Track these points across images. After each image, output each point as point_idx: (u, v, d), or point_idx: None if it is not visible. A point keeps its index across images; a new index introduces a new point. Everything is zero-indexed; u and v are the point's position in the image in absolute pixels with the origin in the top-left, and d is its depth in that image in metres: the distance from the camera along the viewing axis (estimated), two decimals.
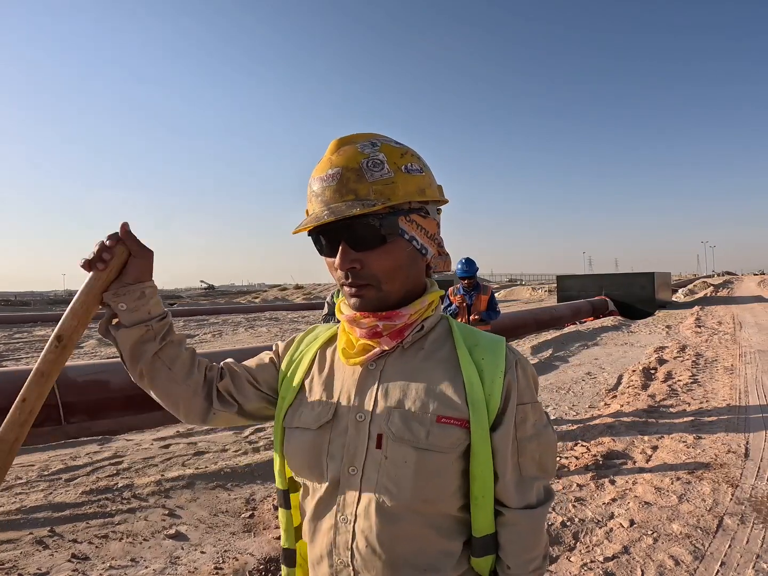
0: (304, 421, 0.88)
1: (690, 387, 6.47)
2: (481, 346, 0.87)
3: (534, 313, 14.26)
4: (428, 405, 0.82)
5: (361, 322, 0.85)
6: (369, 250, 0.81)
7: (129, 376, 0.94)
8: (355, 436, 0.84)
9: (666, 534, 2.90)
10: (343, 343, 0.89)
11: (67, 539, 2.91)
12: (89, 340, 14.44)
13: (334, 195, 0.80)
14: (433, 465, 0.80)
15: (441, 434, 0.80)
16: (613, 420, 5.09)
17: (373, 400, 0.85)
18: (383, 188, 0.80)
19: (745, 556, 2.67)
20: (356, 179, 0.79)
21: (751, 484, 3.51)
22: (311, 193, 0.84)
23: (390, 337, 0.85)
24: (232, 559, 2.72)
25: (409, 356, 0.87)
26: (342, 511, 0.82)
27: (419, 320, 0.87)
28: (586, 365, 8.42)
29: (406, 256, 0.84)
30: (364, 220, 0.79)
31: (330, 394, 0.89)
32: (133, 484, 3.61)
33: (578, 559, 2.69)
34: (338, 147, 0.83)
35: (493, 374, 0.84)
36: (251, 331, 16.44)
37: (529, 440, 0.85)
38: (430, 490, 0.80)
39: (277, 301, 41.71)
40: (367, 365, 0.87)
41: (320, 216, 0.79)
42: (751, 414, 5.15)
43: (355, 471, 0.82)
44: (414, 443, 0.80)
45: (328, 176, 0.81)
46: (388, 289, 0.83)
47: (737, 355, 8.63)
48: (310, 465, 0.86)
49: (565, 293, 20.44)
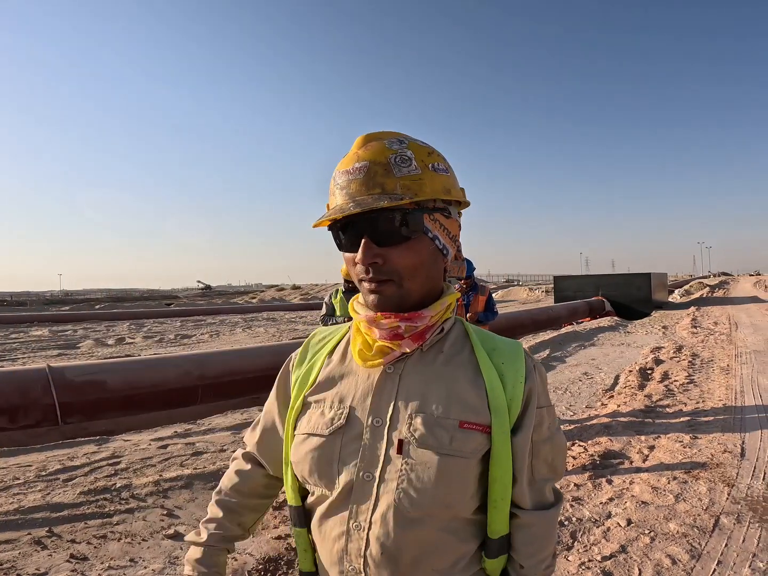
0: (315, 427, 0.85)
1: (686, 387, 6.50)
2: (500, 350, 0.87)
3: (531, 313, 14.29)
4: (450, 410, 0.81)
5: (381, 323, 0.82)
6: (393, 245, 0.79)
7: (126, 376, 0.95)
8: (371, 441, 0.82)
9: (663, 533, 2.92)
10: (359, 344, 0.86)
11: (66, 539, 2.91)
12: (86, 340, 14.41)
13: (360, 188, 0.79)
14: (454, 470, 0.79)
15: (464, 439, 0.79)
16: (610, 420, 5.11)
17: (392, 405, 0.83)
18: (411, 184, 0.79)
19: (742, 555, 2.68)
20: (384, 173, 0.79)
21: (747, 483, 3.53)
22: (335, 186, 0.82)
23: (412, 340, 0.83)
24: (231, 559, 2.72)
25: (428, 359, 0.85)
26: (355, 518, 0.80)
27: (439, 322, 0.86)
28: (583, 365, 8.44)
29: (428, 255, 0.83)
30: (389, 215, 0.78)
31: (342, 398, 0.86)
32: (132, 484, 3.61)
33: (576, 559, 2.70)
34: (365, 142, 0.82)
35: (515, 379, 0.84)
36: (249, 332, 16.43)
37: (543, 443, 0.86)
38: (450, 495, 0.79)
39: (275, 302, 41.68)
40: (385, 368, 0.85)
41: (345, 208, 0.78)
42: (747, 414, 5.18)
43: (371, 477, 0.80)
44: (437, 449, 0.79)
45: (354, 169, 0.79)
46: (408, 286, 0.81)
47: (733, 356, 8.67)
48: (320, 471, 0.83)
49: (562, 294, 20.47)
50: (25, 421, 4.91)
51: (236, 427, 5.08)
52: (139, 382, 5.57)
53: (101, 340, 14.58)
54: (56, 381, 5.08)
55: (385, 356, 0.83)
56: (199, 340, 14.56)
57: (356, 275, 0.83)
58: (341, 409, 0.85)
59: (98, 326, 19.68)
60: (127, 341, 14.46)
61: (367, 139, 0.82)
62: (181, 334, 16.00)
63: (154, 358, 6.86)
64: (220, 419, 5.42)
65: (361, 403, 0.84)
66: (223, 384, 6.18)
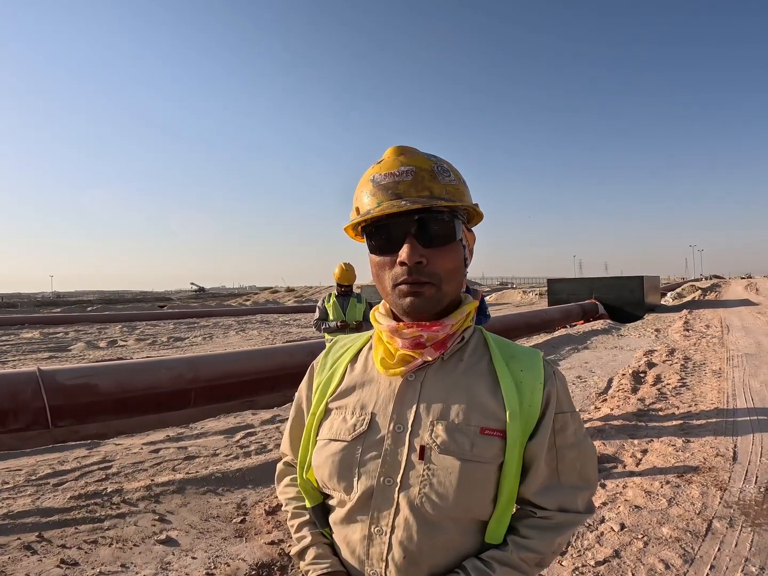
0: (337, 432, 0.87)
1: (679, 390, 6.53)
2: (518, 358, 0.89)
3: (525, 316, 14.35)
4: (471, 417, 0.83)
5: (404, 333, 0.84)
6: (437, 246, 0.82)
7: (118, 379, 0.95)
8: (393, 447, 0.83)
9: (656, 538, 2.92)
10: (380, 352, 0.88)
11: (56, 544, 2.87)
12: (77, 342, 14.31)
13: (409, 189, 0.81)
14: (476, 475, 0.81)
15: (484, 445, 0.82)
16: (604, 423, 5.12)
17: (413, 412, 0.84)
18: (453, 191, 0.84)
19: (734, 560, 2.69)
20: (431, 178, 0.83)
21: (740, 487, 3.55)
22: (376, 187, 0.83)
23: (434, 348, 0.85)
24: (224, 564, 2.70)
25: (449, 368, 0.88)
26: (376, 523, 0.82)
27: (459, 331, 0.88)
28: (576, 369, 8.47)
29: (461, 261, 0.87)
30: (438, 216, 0.82)
31: (364, 405, 0.88)
32: (123, 488, 3.57)
33: (570, 564, 2.70)
34: (402, 152, 0.85)
35: (533, 386, 0.86)
36: (242, 334, 16.37)
37: (569, 448, 0.87)
38: (471, 500, 0.81)
39: (269, 304, 41.56)
40: (406, 376, 0.87)
41: (399, 205, 0.79)
42: (739, 417, 5.21)
43: (392, 482, 0.82)
44: (459, 455, 0.81)
45: (401, 172, 0.82)
46: (446, 290, 0.84)
47: (725, 359, 8.72)
48: (340, 475, 0.85)
49: (556, 296, 20.57)
50: (15, 425, 4.87)
51: (229, 431, 5.04)
52: (131, 385, 5.53)
53: (93, 342, 14.48)
54: (47, 384, 5.03)
55: (407, 365, 0.85)
56: (192, 342, 14.48)
57: (392, 279, 0.83)
58: (363, 415, 0.87)
59: (90, 328, 19.55)
60: (120, 344, 14.36)
61: (402, 149, 0.86)
62: (174, 336, 15.91)
63: (147, 361, 6.82)
64: (213, 423, 5.38)
65: (382, 410, 0.86)
66: (217, 387, 6.15)
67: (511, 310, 23.57)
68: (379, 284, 0.86)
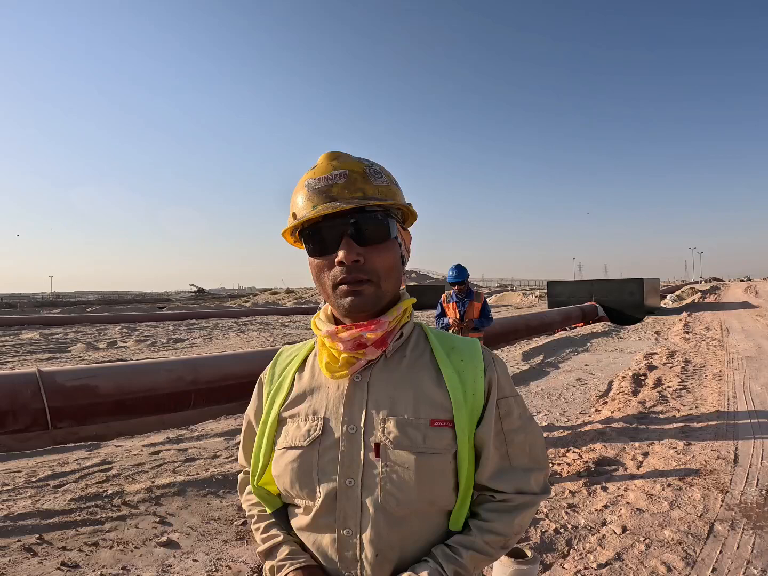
0: (293, 440, 0.88)
1: (679, 393, 6.53)
2: (458, 349, 0.92)
3: (525, 318, 14.36)
4: (420, 410, 0.85)
5: (343, 336, 0.85)
6: (373, 245, 0.84)
7: (118, 380, 0.95)
8: (348, 448, 0.85)
9: (658, 540, 2.92)
10: (325, 357, 0.89)
11: (57, 547, 2.87)
12: (77, 343, 14.29)
13: (342, 191, 0.84)
14: (433, 467, 0.83)
15: (436, 437, 0.84)
16: (604, 426, 5.12)
17: (364, 412, 0.86)
18: (386, 191, 0.88)
19: (736, 562, 2.69)
20: (363, 180, 0.85)
21: (741, 490, 3.54)
22: (310, 191, 0.85)
23: (375, 347, 0.87)
24: (225, 567, 2.69)
25: (393, 365, 0.90)
26: (344, 525, 0.83)
27: (398, 327, 0.90)
28: (576, 371, 8.47)
29: (398, 258, 0.89)
30: (372, 215, 0.84)
31: (315, 410, 0.89)
32: (123, 490, 3.57)
33: (572, 566, 2.69)
34: (335, 157, 0.87)
35: (475, 374, 0.88)
36: (242, 336, 16.35)
37: (516, 432, 0.90)
38: (433, 491, 0.83)
39: (268, 305, 41.54)
40: (352, 378, 0.88)
41: (333, 206, 0.82)
42: (740, 420, 5.21)
43: (353, 482, 0.83)
44: (413, 448, 0.82)
45: (334, 175, 0.84)
46: (385, 287, 0.86)
47: (725, 362, 8.73)
48: (301, 482, 0.86)
49: (556, 299, 20.58)
50: (14, 426, 4.86)
51: (229, 432, 5.03)
52: (131, 386, 5.52)
53: (92, 343, 14.47)
54: (47, 385, 5.03)
55: (352, 366, 0.87)
56: (192, 344, 14.48)
57: (331, 279, 0.85)
58: (316, 420, 0.88)
59: (90, 329, 19.54)
60: (119, 345, 14.35)
61: (335, 154, 0.88)
62: (173, 337, 15.90)
63: (147, 363, 6.82)
64: (213, 425, 5.37)
65: (334, 413, 0.88)
66: (217, 389, 6.15)
67: (510, 312, 23.59)
68: (320, 286, 0.88)
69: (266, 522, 0.94)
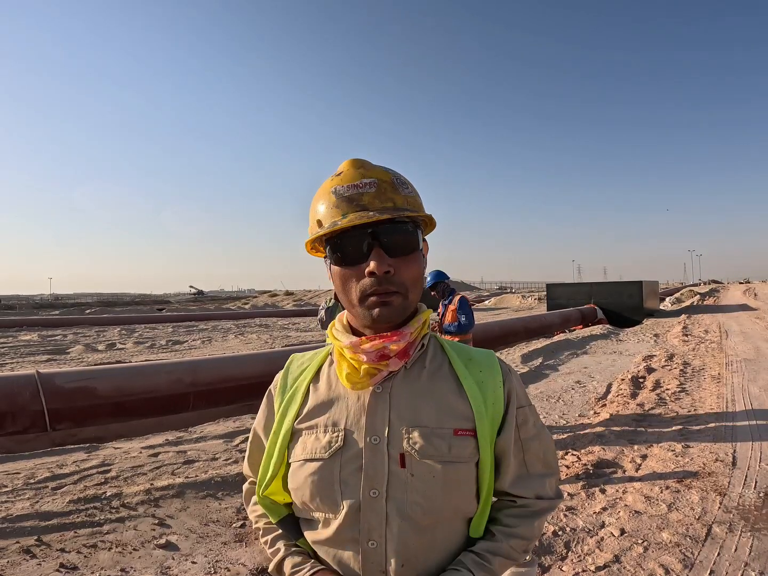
0: (312, 452, 0.86)
1: (678, 396, 6.53)
2: (475, 360, 0.93)
3: (524, 320, 14.35)
4: (444, 420, 0.86)
5: (365, 347, 0.84)
6: (402, 256, 0.84)
7: (117, 382, 0.95)
8: (372, 459, 0.83)
9: (656, 543, 2.92)
10: (345, 368, 0.88)
11: (55, 548, 2.87)
12: (76, 345, 14.28)
13: (373, 200, 0.83)
14: (458, 475, 0.84)
15: (460, 446, 0.85)
16: (603, 429, 5.12)
17: (387, 422, 0.85)
18: (413, 202, 0.87)
19: (734, 564, 2.69)
20: (392, 190, 0.85)
21: (739, 492, 3.55)
22: (339, 199, 0.83)
23: (398, 358, 0.86)
24: (224, 569, 2.69)
25: (414, 375, 0.89)
26: (368, 536, 0.81)
27: (419, 338, 0.90)
28: (575, 374, 8.47)
29: (422, 270, 0.89)
30: (402, 226, 0.84)
31: (336, 422, 0.88)
32: (122, 492, 3.56)
33: (570, 569, 2.70)
34: (360, 164, 0.86)
35: (494, 385, 0.89)
36: (241, 338, 16.35)
37: (532, 440, 0.92)
38: (458, 499, 0.84)
39: (268, 307, 41.52)
40: (374, 388, 0.87)
41: (368, 215, 0.80)
42: (738, 422, 5.21)
43: (377, 493, 0.82)
44: (439, 458, 0.83)
45: (363, 184, 0.83)
46: (412, 298, 0.86)
47: (724, 364, 8.73)
48: (322, 495, 0.84)
49: (555, 301, 20.58)
50: (13, 428, 4.85)
51: (229, 435, 5.03)
52: (130, 388, 5.52)
53: (91, 345, 14.45)
54: (45, 387, 5.02)
55: (373, 377, 0.86)
56: (191, 346, 14.47)
57: (360, 290, 0.83)
58: (336, 432, 0.86)
59: (88, 331, 19.51)
60: (118, 347, 14.33)
61: (360, 161, 0.87)
62: (172, 339, 15.89)
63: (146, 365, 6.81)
64: (212, 427, 5.37)
65: (355, 425, 0.86)
66: (216, 391, 6.14)
67: (509, 314, 23.59)
68: (345, 296, 0.86)
69: (272, 535, 0.93)
